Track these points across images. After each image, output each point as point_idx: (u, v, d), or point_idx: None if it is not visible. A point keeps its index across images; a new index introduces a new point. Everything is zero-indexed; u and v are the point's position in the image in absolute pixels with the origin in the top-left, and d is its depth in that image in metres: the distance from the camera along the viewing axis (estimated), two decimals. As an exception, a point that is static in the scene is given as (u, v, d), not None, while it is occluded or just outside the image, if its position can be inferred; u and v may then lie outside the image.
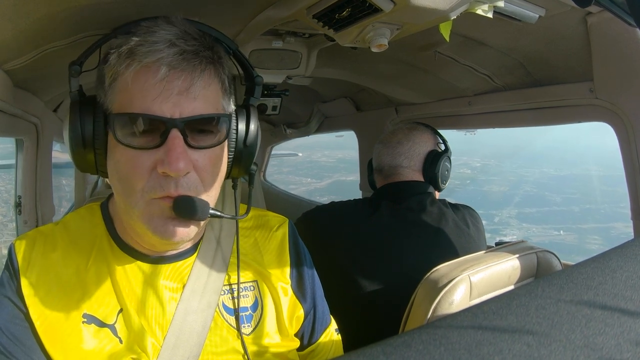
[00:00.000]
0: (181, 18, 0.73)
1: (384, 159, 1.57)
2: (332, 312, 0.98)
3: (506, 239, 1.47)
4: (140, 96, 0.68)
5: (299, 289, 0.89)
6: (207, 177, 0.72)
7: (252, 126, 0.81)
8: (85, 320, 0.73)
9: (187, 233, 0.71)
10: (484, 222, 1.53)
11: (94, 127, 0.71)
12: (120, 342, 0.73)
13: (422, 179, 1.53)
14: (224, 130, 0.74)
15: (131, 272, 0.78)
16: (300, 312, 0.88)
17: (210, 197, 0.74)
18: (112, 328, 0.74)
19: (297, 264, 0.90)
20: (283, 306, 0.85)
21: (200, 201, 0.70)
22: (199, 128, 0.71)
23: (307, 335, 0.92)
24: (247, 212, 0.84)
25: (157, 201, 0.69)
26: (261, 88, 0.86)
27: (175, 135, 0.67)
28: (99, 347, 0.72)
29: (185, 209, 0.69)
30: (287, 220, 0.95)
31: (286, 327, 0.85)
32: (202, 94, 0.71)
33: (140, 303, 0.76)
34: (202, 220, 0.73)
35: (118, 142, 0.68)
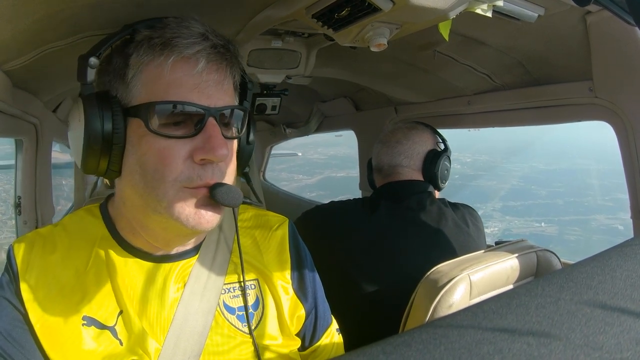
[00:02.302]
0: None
1: (384, 159, 1.57)
2: (332, 312, 0.98)
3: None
4: (176, 86, 0.68)
5: (300, 288, 0.89)
6: (232, 167, 0.75)
7: (251, 128, 0.84)
8: (85, 322, 0.73)
9: (217, 220, 0.73)
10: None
11: (113, 121, 0.69)
12: (121, 344, 0.73)
13: (421, 179, 1.53)
14: (243, 123, 0.77)
15: (132, 272, 0.77)
16: (302, 312, 0.88)
17: None
18: (112, 330, 0.73)
19: (297, 264, 0.90)
20: (284, 305, 0.85)
21: (236, 188, 0.72)
22: (226, 120, 0.73)
23: (309, 335, 0.92)
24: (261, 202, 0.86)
25: (190, 190, 0.69)
26: (252, 93, 0.87)
27: (214, 123, 0.69)
28: (99, 349, 0.72)
29: (226, 195, 0.70)
30: (287, 220, 0.95)
31: (287, 326, 0.85)
32: (229, 88, 0.74)
33: (141, 303, 0.76)
34: (237, 207, 0.75)
35: (150, 132, 0.68)
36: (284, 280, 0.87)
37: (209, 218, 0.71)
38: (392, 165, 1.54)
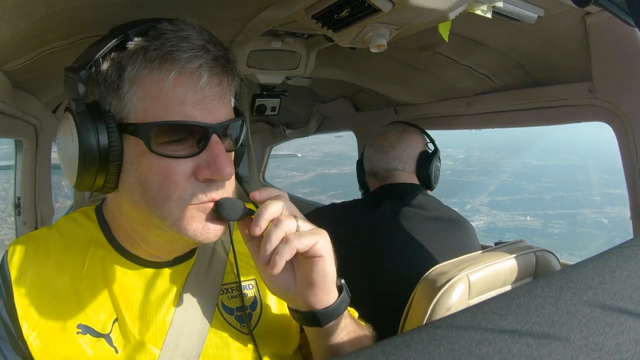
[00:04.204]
0: (189, 21, 0.71)
1: (378, 164, 1.60)
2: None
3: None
4: (177, 103, 0.65)
5: None
6: (233, 179, 0.73)
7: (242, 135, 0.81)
8: (80, 330, 0.71)
9: (224, 231, 0.71)
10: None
11: (109, 139, 0.66)
12: (116, 351, 0.72)
13: (416, 181, 1.58)
14: (241, 131, 0.75)
15: (129, 278, 0.76)
16: None
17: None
18: (108, 338, 0.72)
19: None
20: (284, 304, 0.84)
21: (239, 201, 0.70)
22: (227, 133, 0.71)
23: None
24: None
25: (196, 206, 0.68)
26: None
27: (218, 140, 0.67)
28: (94, 358, 0.70)
29: (232, 211, 0.69)
30: None
31: (288, 326, 0.85)
32: (229, 100, 0.72)
33: (138, 309, 0.75)
34: (241, 219, 0.72)
35: (152, 152, 0.65)
36: None
37: (217, 232, 0.70)
38: (388, 170, 1.58)
